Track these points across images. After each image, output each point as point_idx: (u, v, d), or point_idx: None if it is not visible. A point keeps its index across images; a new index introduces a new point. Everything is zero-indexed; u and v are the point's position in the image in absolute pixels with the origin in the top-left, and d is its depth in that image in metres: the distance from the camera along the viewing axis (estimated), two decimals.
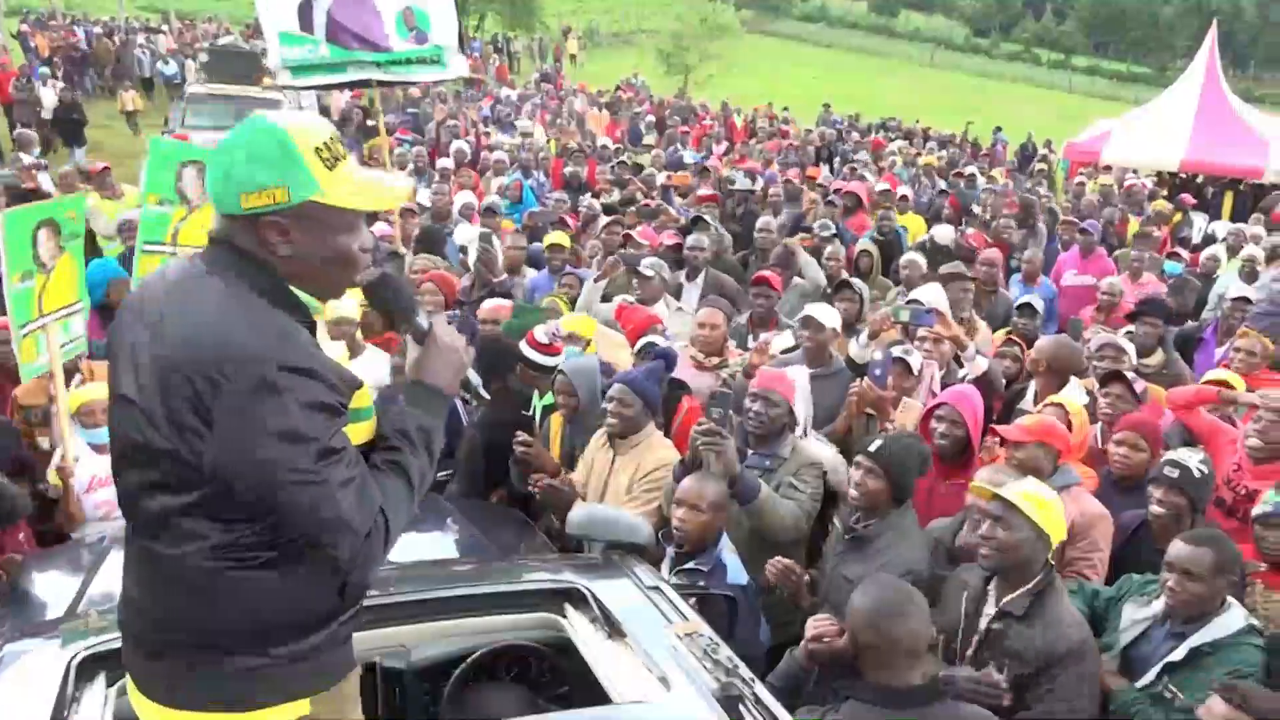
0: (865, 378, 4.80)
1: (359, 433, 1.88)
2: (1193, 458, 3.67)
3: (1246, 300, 6.68)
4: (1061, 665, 2.90)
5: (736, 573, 3.51)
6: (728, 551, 3.54)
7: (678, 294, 6.73)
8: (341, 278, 1.87)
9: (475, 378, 2.11)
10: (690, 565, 3.45)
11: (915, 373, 4.74)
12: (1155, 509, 3.65)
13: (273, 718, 1.82)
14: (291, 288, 1.81)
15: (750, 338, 5.87)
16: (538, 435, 4.63)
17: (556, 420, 4.67)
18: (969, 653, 3.10)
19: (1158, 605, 3.18)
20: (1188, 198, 14.49)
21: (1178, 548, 3.11)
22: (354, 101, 18.93)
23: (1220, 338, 6.62)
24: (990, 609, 3.12)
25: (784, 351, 5.30)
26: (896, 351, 4.82)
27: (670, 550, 3.59)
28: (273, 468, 1.66)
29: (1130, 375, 4.83)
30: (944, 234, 8.83)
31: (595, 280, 6.43)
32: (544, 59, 38.03)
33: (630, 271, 6.61)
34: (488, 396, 2.23)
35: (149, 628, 1.84)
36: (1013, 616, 3.01)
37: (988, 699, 2.78)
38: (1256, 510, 3.56)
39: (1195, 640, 3.01)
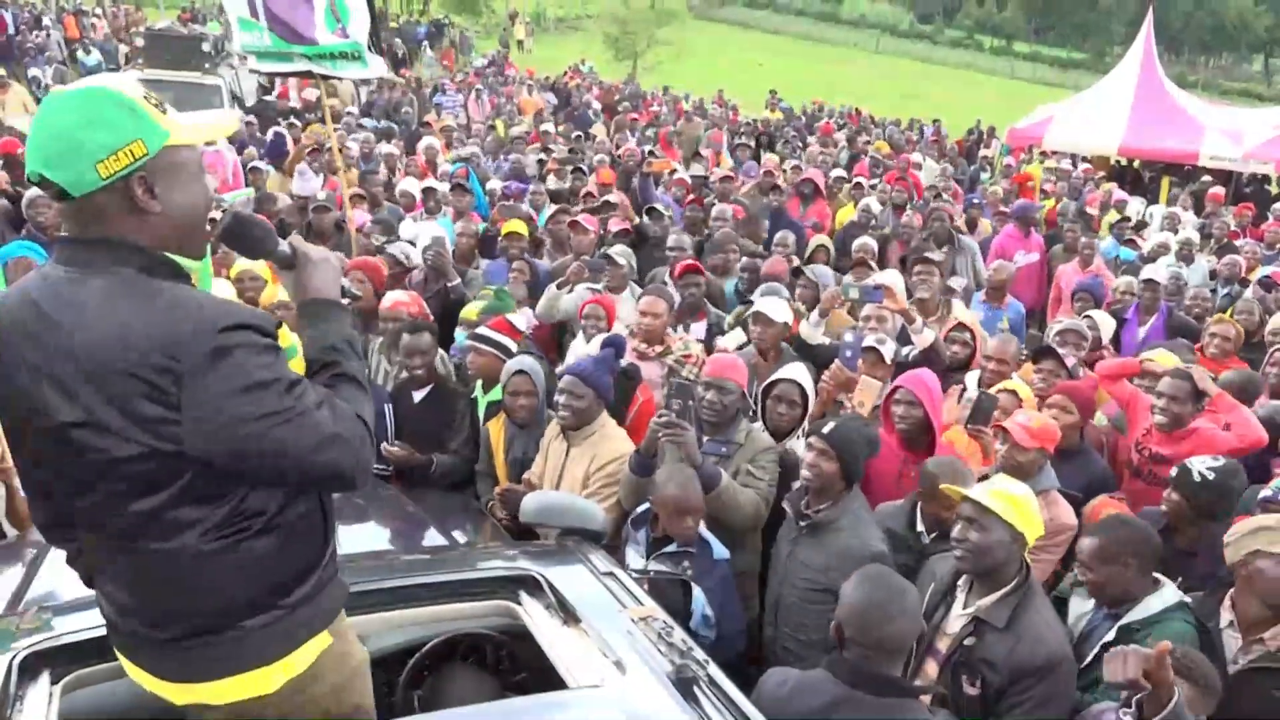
0: (835, 362, 4.84)
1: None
2: (1200, 463, 3.70)
3: (1154, 282, 6.95)
4: (1036, 678, 2.83)
5: (720, 549, 3.56)
6: (704, 529, 3.59)
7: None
8: (202, 227, 1.84)
9: (345, 281, 2.13)
10: (674, 549, 3.48)
11: (888, 360, 4.72)
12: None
13: (303, 657, 1.89)
14: (169, 256, 1.76)
15: (681, 328, 5.83)
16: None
17: (496, 427, 4.57)
18: (933, 658, 3.08)
19: None
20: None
21: (1084, 537, 3.22)
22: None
23: (1141, 317, 6.90)
24: (959, 610, 3.08)
25: (738, 348, 5.29)
26: (869, 340, 4.82)
27: (641, 535, 3.62)
28: (253, 422, 1.66)
29: (1062, 352, 5.00)
30: (873, 206, 9.34)
31: (559, 286, 6.36)
32: (471, 50, 36.87)
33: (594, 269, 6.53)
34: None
35: (157, 623, 1.83)
36: (989, 626, 2.94)
37: None
38: (1263, 493, 3.66)
39: (1126, 619, 3.09)
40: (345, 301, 2.06)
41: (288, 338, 1.89)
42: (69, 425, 1.68)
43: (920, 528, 3.75)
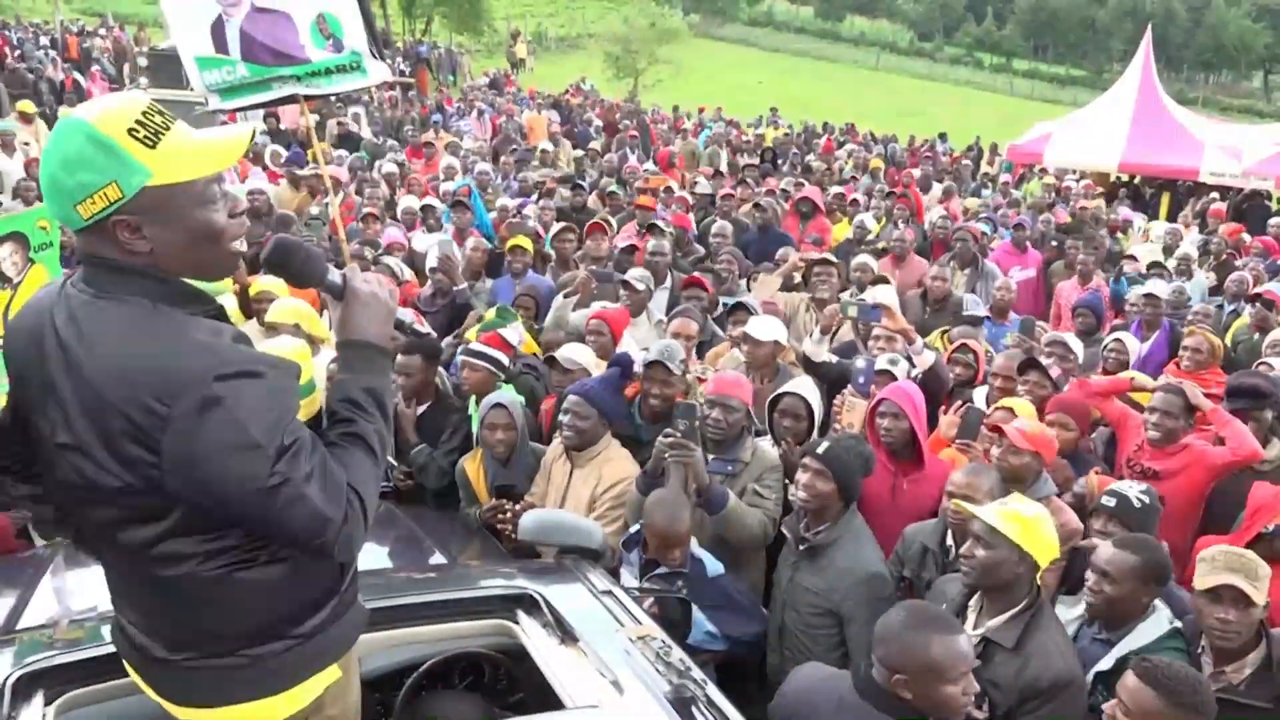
0: (849, 387, 4.80)
1: (304, 409, 1.83)
2: (1133, 488, 3.61)
3: (1155, 297, 6.89)
4: (1043, 699, 2.80)
5: (714, 566, 3.53)
6: (697, 547, 3.56)
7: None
8: (218, 254, 1.74)
9: (407, 316, 2.07)
10: (666, 570, 3.44)
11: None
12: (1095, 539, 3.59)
13: (309, 690, 1.85)
14: (184, 279, 1.70)
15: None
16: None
17: (472, 464, 4.43)
18: None
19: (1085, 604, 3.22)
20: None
21: (1104, 549, 3.16)
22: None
23: (1143, 333, 6.83)
24: (970, 631, 3.01)
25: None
26: (881, 363, 4.77)
27: (634, 556, 3.59)
28: (237, 483, 1.59)
29: (1046, 363, 4.98)
30: (868, 223, 9.38)
31: (565, 296, 6.27)
32: (455, 71, 36.20)
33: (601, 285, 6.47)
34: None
35: (167, 647, 1.79)
36: (998, 646, 2.92)
37: None
38: (1273, 526, 3.59)
39: (1121, 649, 3.06)
40: (401, 339, 1.98)
41: (307, 374, 1.84)
42: (61, 445, 1.66)
43: (950, 542, 3.69)
